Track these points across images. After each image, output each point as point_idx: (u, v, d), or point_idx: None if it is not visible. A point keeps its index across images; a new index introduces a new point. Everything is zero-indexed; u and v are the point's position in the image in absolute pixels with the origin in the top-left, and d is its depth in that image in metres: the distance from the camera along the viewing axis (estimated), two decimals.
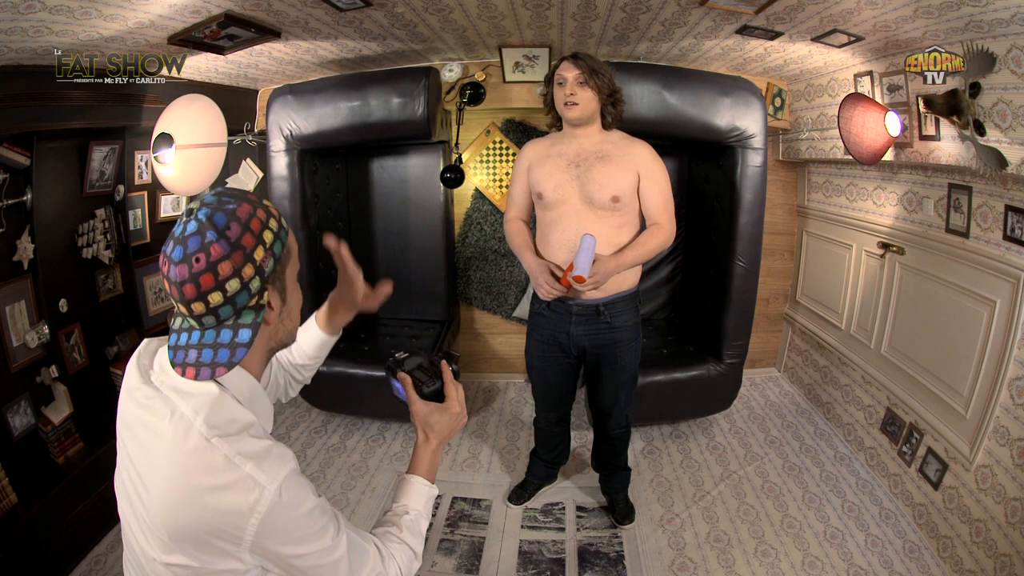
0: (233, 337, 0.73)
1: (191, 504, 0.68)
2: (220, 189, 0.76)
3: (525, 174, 1.90)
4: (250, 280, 0.72)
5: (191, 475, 0.68)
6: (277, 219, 0.77)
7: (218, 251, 0.69)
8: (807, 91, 2.81)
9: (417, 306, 3.16)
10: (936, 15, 1.64)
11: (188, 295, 0.70)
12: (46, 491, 1.89)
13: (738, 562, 2.02)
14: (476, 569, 2.02)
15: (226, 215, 0.71)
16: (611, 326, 1.86)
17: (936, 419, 2.14)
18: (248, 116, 2.96)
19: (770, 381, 3.43)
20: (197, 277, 0.69)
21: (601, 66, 1.74)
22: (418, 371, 0.98)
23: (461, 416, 0.96)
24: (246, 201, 0.74)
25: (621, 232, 1.80)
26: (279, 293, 0.78)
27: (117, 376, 2.37)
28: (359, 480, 2.49)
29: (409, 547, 0.88)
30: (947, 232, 2.11)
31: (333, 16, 1.97)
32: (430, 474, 0.96)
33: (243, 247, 0.71)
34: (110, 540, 2.07)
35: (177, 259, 0.70)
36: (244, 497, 0.67)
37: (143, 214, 2.58)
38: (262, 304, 0.75)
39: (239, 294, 0.72)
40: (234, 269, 0.70)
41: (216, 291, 0.70)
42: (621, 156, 1.78)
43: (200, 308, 0.71)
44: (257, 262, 0.72)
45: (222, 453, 0.68)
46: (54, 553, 1.89)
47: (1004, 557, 1.74)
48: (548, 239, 1.84)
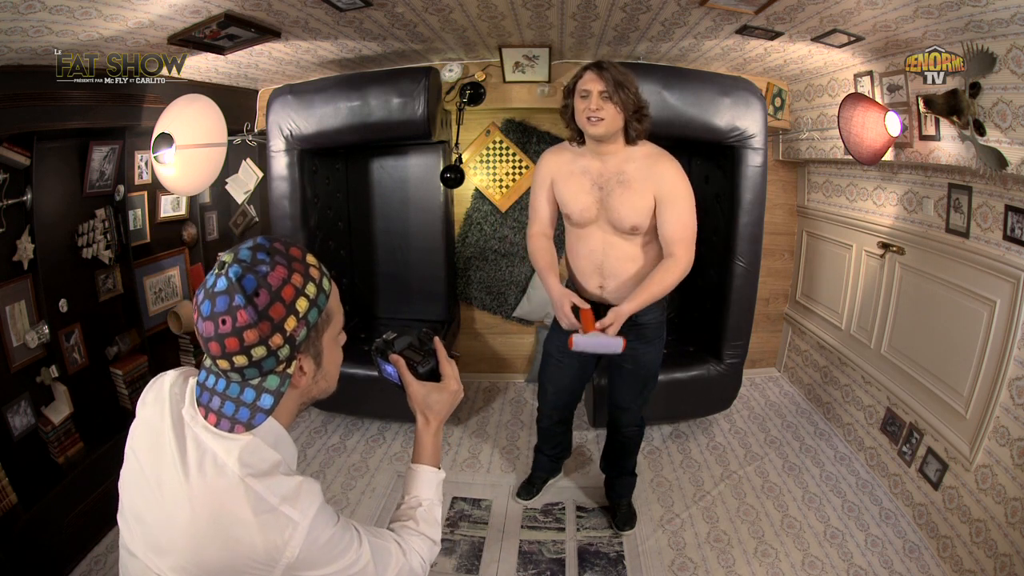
0: (255, 400, 0.72)
1: (222, 539, 0.68)
2: (258, 241, 0.73)
3: (548, 187, 1.84)
4: (278, 348, 0.70)
5: (222, 514, 0.68)
6: (317, 282, 0.73)
7: (244, 318, 0.67)
8: (807, 91, 2.81)
9: (417, 306, 3.16)
10: (936, 15, 1.64)
11: (213, 351, 0.69)
12: (46, 491, 1.89)
13: (738, 562, 2.02)
14: (476, 569, 2.02)
15: (256, 279, 0.68)
16: (635, 323, 1.80)
17: (936, 419, 2.14)
18: (248, 116, 2.96)
19: (770, 381, 3.43)
20: (223, 338, 0.68)
21: (628, 78, 1.63)
22: (409, 351, 0.94)
23: (459, 392, 0.96)
24: (282, 263, 0.70)
25: (647, 249, 1.79)
26: (313, 358, 0.76)
27: (117, 376, 2.37)
28: (359, 480, 2.49)
29: (428, 537, 0.90)
30: (947, 232, 2.11)
31: (333, 16, 1.97)
32: (435, 458, 0.96)
33: (271, 318, 0.68)
34: (110, 540, 2.07)
35: (205, 314, 0.68)
36: (279, 535, 0.68)
37: (143, 214, 2.58)
38: (289, 373, 0.74)
39: (266, 359, 0.70)
40: (260, 338, 0.68)
41: (241, 354, 0.68)
42: (642, 180, 1.70)
43: (225, 365, 0.70)
44: (287, 332, 0.70)
45: (256, 492, 0.69)
46: (54, 553, 1.89)
47: (1004, 557, 1.74)
48: (577, 251, 1.85)
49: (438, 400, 0.93)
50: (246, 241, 0.73)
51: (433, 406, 0.93)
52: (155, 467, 0.74)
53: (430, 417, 0.94)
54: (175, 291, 2.81)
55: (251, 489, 0.69)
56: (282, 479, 0.72)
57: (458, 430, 2.90)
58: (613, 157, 1.73)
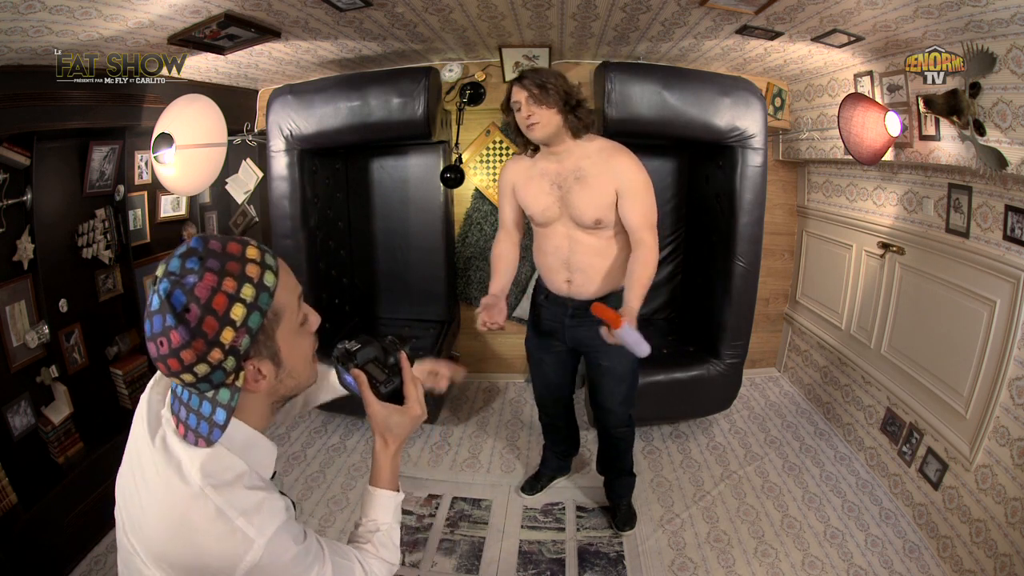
0: (211, 414, 0.70)
1: (183, 542, 0.68)
2: (191, 245, 0.68)
3: (511, 195, 1.91)
4: (221, 362, 0.66)
5: (185, 517, 0.68)
6: (255, 281, 0.67)
7: (177, 339, 0.64)
8: (807, 91, 2.81)
9: (417, 306, 3.16)
10: (936, 15, 1.64)
11: (163, 371, 0.68)
12: (46, 491, 1.89)
13: (738, 562, 2.02)
14: (476, 569, 2.02)
15: (184, 293, 0.64)
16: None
17: (936, 419, 2.14)
18: (248, 116, 2.96)
19: (770, 381, 3.43)
20: (165, 359, 0.65)
21: (548, 79, 1.68)
22: (373, 366, 0.88)
23: (421, 416, 0.90)
24: (212, 269, 0.65)
25: (613, 242, 1.82)
26: (270, 359, 0.72)
27: (117, 376, 2.37)
28: (359, 480, 2.48)
29: (386, 561, 0.89)
30: (947, 232, 2.11)
31: (333, 16, 1.97)
32: (393, 481, 0.92)
33: (204, 333, 0.64)
34: (110, 540, 2.07)
35: (147, 335, 0.67)
36: (233, 548, 0.67)
37: (143, 214, 2.58)
38: (238, 385, 0.70)
39: (212, 374, 0.67)
40: (198, 356, 0.65)
41: (187, 373, 0.66)
42: (599, 175, 1.74)
43: (178, 382, 0.69)
44: (226, 344, 0.66)
45: (214, 504, 0.68)
46: (54, 553, 1.89)
47: (1004, 557, 1.74)
48: (543, 249, 1.90)
49: (399, 423, 0.88)
50: (180, 247, 0.69)
51: (393, 428, 0.88)
52: (139, 460, 0.75)
53: (389, 440, 0.89)
54: None
55: (210, 500, 0.68)
56: (244, 493, 0.70)
57: (458, 430, 2.90)
58: (568, 155, 1.77)
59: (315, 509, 2.29)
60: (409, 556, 2.07)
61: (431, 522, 2.24)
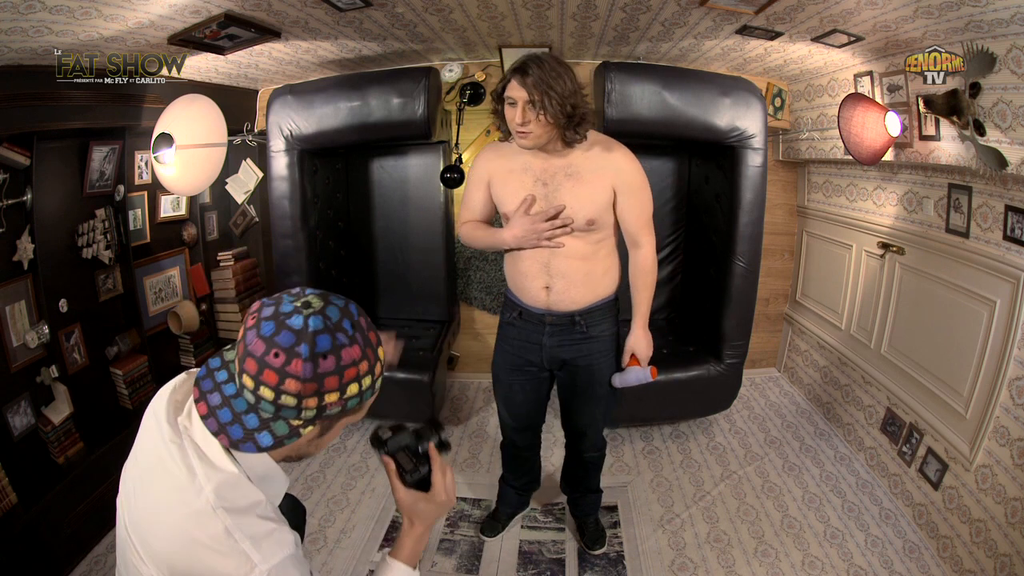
0: (255, 430, 0.72)
1: (188, 555, 0.69)
2: (350, 308, 0.75)
3: (484, 185, 1.67)
4: (306, 409, 0.71)
5: (192, 531, 0.70)
6: (374, 377, 0.75)
7: (298, 369, 0.67)
8: (807, 91, 2.81)
9: (417, 306, 3.16)
10: (936, 15, 1.64)
11: (248, 367, 0.69)
12: (46, 491, 1.89)
13: (738, 562, 2.02)
14: (476, 569, 2.02)
15: (332, 343, 0.69)
16: (587, 336, 1.70)
17: (936, 419, 2.14)
18: (248, 116, 2.96)
19: (770, 381, 3.43)
20: (265, 367, 0.68)
21: (557, 80, 1.41)
22: (403, 454, 0.91)
23: (448, 503, 0.92)
24: (360, 344, 0.72)
25: (599, 247, 1.65)
26: (321, 430, 0.77)
27: (117, 376, 2.37)
28: (359, 480, 2.48)
29: None
30: (947, 232, 2.11)
31: (333, 16, 1.97)
32: (412, 559, 0.92)
33: (322, 383, 0.69)
34: (110, 540, 2.07)
35: (263, 333, 0.68)
36: (236, 569, 0.69)
37: (143, 214, 2.58)
38: (301, 432, 0.74)
39: (288, 410, 0.70)
40: (299, 393, 0.69)
41: (271, 391, 0.69)
42: (594, 171, 1.56)
43: (249, 383, 0.70)
44: (324, 403, 0.71)
45: (223, 525, 0.69)
46: (54, 553, 1.89)
47: (1004, 557, 1.74)
48: (519, 254, 1.65)
49: (424, 510, 0.91)
50: (338, 296, 0.76)
51: (420, 514, 0.91)
52: (147, 466, 0.76)
53: (415, 521, 0.92)
54: (175, 291, 2.81)
55: (219, 520, 0.69)
56: (255, 520, 0.72)
57: (458, 430, 2.90)
58: (557, 153, 1.57)
59: (315, 509, 2.29)
60: None
61: None
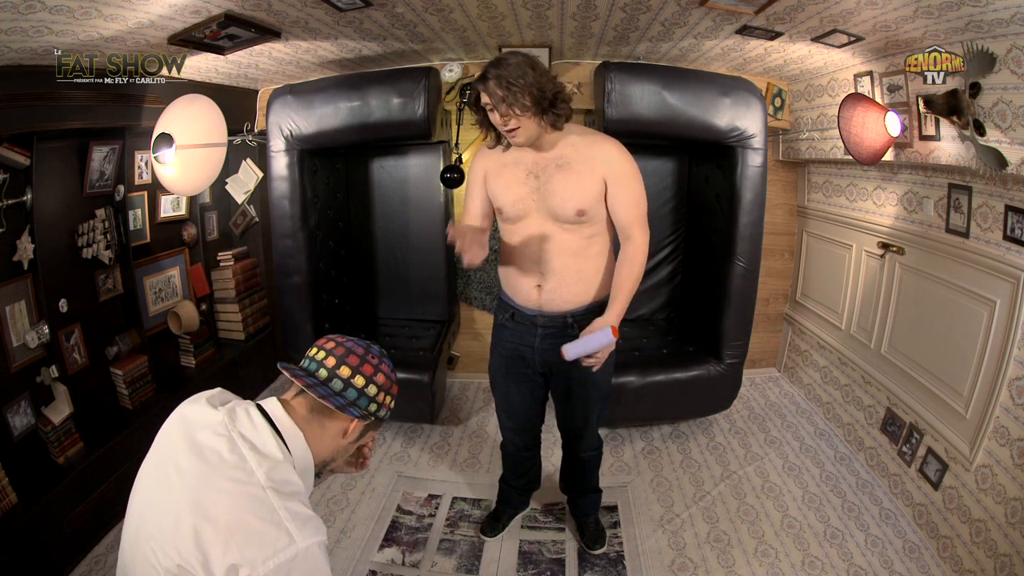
0: (342, 390, 0.94)
1: (232, 510, 0.77)
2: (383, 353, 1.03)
3: (482, 185, 1.72)
4: (375, 402, 0.98)
5: (240, 500, 0.78)
6: (391, 403, 1.02)
7: (386, 369, 1.01)
8: (807, 91, 2.81)
9: (417, 306, 3.16)
10: (936, 15, 1.64)
11: (349, 361, 0.97)
12: (46, 491, 1.89)
13: (738, 562, 2.02)
14: (476, 569, 2.02)
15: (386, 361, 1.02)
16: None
17: (936, 419, 2.14)
18: (248, 116, 2.96)
19: (770, 381, 3.43)
20: (363, 362, 0.98)
21: (517, 80, 1.44)
22: None
23: None
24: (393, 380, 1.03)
25: (592, 243, 1.65)
26: (360, 431, 1.00)
27: (117, 376, 2.37)
28: (359, 480, 2.49)
29: None
30: (947, 232, 2.11)
31: (333, 16, 1.97)
32: None
33: (392, 384, 1.02)
34: (110, 540, 2.07)
35: (360, 345, 1.00)
36: (275, 540, 0.76)
37: (143, 214, 2.58)
38: (355, 412, 0.95)
39: (366, 398, 0.96)
40: (381, 386, 0.98)
41: (363, 379, 0.96)
42: (584, 161, 1.57)
43: (346, 372, 0.95)
44: (385, 400, 1.00)
45: (272, 504, 0.79)
46: (54, 553, 1.89)
47: (1004, 557, 1.74)
48: (511, 246, 1.69)
49: None
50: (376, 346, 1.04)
51: None
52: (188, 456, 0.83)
53: None
54: (175, 291, 2.82)
55: (268, 500, 0.79)
56: (299, 505, 0.81)
57: (458, 430, 2.90)
58: (548, 144, 1.60)
59: (315, 509, 2.28)
60: (409, 556, 2.07)
61: (431, 522, 2.24)
